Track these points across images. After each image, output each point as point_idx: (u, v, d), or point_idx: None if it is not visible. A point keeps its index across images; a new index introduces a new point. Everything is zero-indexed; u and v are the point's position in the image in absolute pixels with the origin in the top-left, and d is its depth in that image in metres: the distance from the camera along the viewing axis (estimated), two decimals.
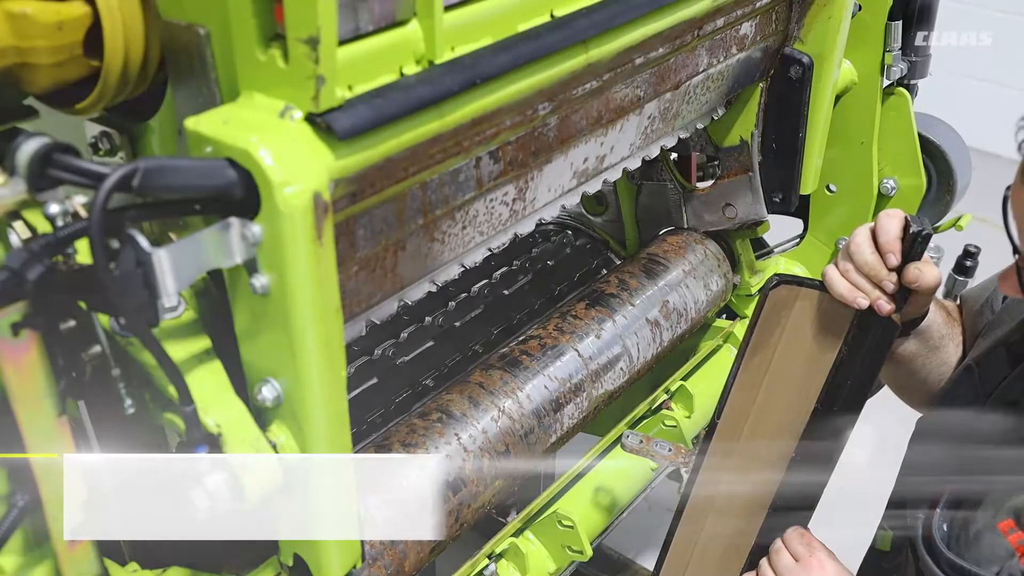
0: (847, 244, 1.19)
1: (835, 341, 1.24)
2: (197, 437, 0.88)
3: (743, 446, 1.32)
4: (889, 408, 1.54)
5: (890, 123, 1.78)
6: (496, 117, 1.06)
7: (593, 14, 1.10)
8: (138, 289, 0.77)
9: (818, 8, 1.57)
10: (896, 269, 1.16)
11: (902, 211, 1.18)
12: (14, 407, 0.80)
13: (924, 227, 1.14)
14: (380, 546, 1.25)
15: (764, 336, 1.29)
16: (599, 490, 1.57)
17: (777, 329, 1.28)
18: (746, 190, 1.77)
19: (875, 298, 1.16)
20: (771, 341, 1.29)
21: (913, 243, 1.15)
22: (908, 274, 1.15)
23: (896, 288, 1.17)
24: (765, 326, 1.29)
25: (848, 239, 1.20)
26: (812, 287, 1.25)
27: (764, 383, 1.30)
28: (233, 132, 0.82)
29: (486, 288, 1.87)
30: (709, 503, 1.36)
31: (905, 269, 1.16)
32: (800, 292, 1.26)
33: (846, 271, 1.18)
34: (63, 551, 0.90)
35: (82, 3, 0.85)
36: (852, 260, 1.18)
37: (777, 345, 1.28)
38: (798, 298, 1.26)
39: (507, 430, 1.44)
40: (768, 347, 1.29)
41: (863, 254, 1.17)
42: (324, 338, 0.89)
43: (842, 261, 1.19)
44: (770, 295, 1.28)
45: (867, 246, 1.17)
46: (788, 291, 1.27)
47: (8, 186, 0.77)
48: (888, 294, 1.17)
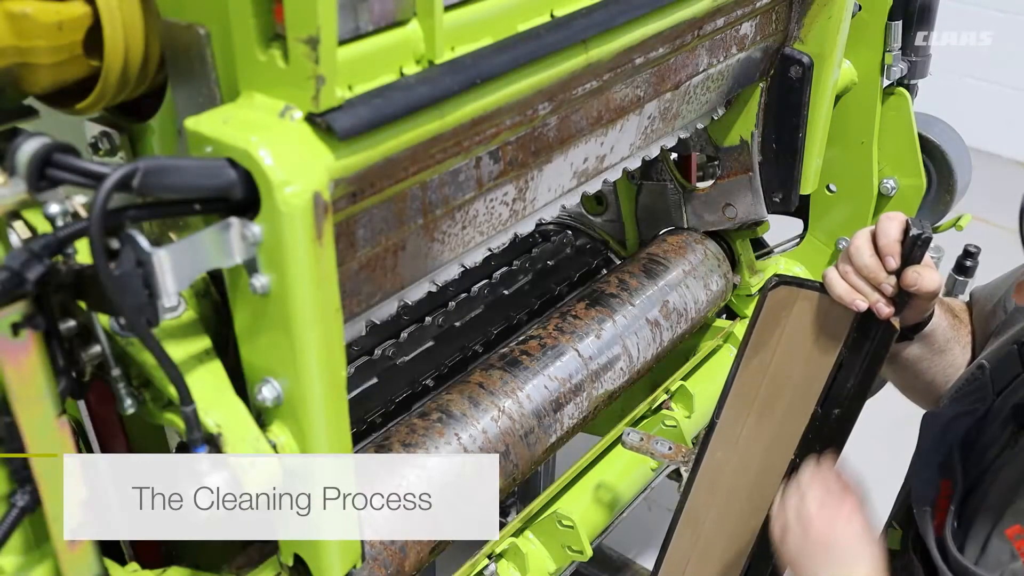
0: (847, 246, 1.19)
1: (835, 343, 1.24)
2: (197, 437, 0.88)
3: (743, 446, 1.32)
4: (896, 403, 1.54)
5: (890, 123, 1.78)
6: (496, 117, 1.06)
7: (593, 14, 1.10)
8: (138, 289, 0.77)
9: (818, 8, 1.57)
10: (896, 272, 1.16)
11: (903, 214, 1.18)
12: (14, 407, 0.80)
13: (924, 230, 1.14)
14: (380, 546, 1.25)
15: (764, 336, 1.29)
16: (599, 490, 1.57)
17: (777, 330, 1.28)
18: (746, 190, 1.77)
19: (874, 301, 1.16)
20: (771, 342, 1.28)
21: (913, 246, 1.15)
22: (907, 277, 1.15)
23: (895, 291, 1.17)
24: (765, 326, 1.29)
25: (849, 241, 1.20)
26: (812, 288, 1.25)
27: (763, 384, 1.30)
28: (233, 132, 0.82)
29: (486, 288, 1.87)
30: (709, 503, 1.36)
31: (904, 272, 1.15)
32: (800, 293, 1.26)
33: (846, 273, 1.18)
34: (63, 551, 0.90)
35: (82, 3, 0.85)
36: (852, 262, 1.18)
37: (777, 346, 1.28)
38: (798, 299, 1.26)
39: (507, 430, 1.44)
40: (768, 348, 1.29)
41: (862, 256, 1.16)
42: (324, 338, 0.89)
43: (842, 263, 1.19)
44: (770, 295, 1.28)
45: (867, 248, 1.17)
46: (788, 292, 1.27)
47: (8, 186, 0.77)
48: (887, 297, 1.16)
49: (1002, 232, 1.05)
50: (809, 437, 1.26)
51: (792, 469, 1.26)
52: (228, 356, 0.95)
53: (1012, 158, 4.64)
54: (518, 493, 2.42)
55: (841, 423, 1.25)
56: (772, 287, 1.28)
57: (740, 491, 1.33)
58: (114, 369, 0.89)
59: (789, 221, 1.91)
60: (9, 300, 0.75)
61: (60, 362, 0.83)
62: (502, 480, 1.43)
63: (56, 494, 0.87)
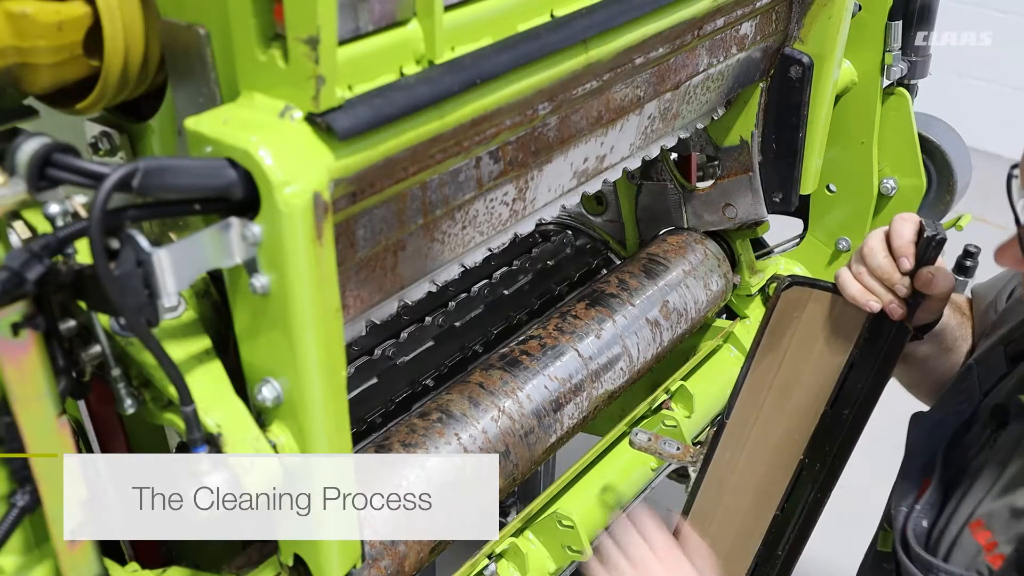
0: (861, 247, 1.19)
1: (846, 344, 1.23)
2: (197, 437, 0.88)
3: (751, 446, 1.32)
4: (898, 403, 1.54)
5: (890, 123, 1.78)
6: (496, 117, 1.06)
7: (593, 14, 1.10)
8: (138, 289, 0.77)
9: (818, 8, 1.57)
10: (909, 273, 1.16)
11: (916, 216, 1.17)
12: (14, 407, 0.80)
13: (939, 232, 1.14)
14: (380, 546, 1.25)
15: (775, 337, 1.29)
16: (599, 490, 1.57)
17: (788, 330, 1.28)
18: (746, 190, 1.77)
19: (887, 302, 1.16)
20: (782, 342, 1.28)
21: (927, 247, 1.14)
22: (921, 278, 1.15)
23: (909, 292, 1.16)
24: (777, 327, 1.29)
25: (862, 242, 1.19)
26: (825, 289, 1.25)
27: (774, 384, 1.30)
28: (233, 132, 0.82)
29: (486, 288, 1.87)
30: (716, 503, 1.36)
31: (918, 273, 1.15)
32: (812, 294, 1.26)
33: (859, 274, 1.18)
34: (63, 551, 0.90)
35: (82, 3, 0.85)
36: (865, 263, 1.17)
37: (788, 346, 1.28)
38: (810, 300, 1.26)
39: (507, 430, 1.44)
40: (779, 348, 1.28)
41: (876, 257, 1.16)
42: (324, 338, 0.89)
43: (855, 264, 1.19)
44: (782, 296, 1.28)
45: (881, 249, 1.17)
46: (800, 292, 1.27)
47: (8, 186, 0.77)
48: (900, 298, 1.16)
49: (1002, 232, 1.05)
50: (819, 437, 1.26)
51: (801, 469, 1.26)
52: (228, 356, 0.94)
53: (1012, 158, 4.62)
54: (518, 493, 2.42)
55: (851, 424, 1.25)
56: (785, 287, 1.28)
57: (748, 492, 1.32)
58: (114, 369, 0.89)
59: (789, 221, 1.91)
60: (9, 300, 0.75)
61: (60, 362, 0.83)
62: (502, 480, 1.43)
63: (56, 494, 0.87)
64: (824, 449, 1.25)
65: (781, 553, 1.27)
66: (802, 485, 1.27)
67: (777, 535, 1.28)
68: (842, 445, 1.25)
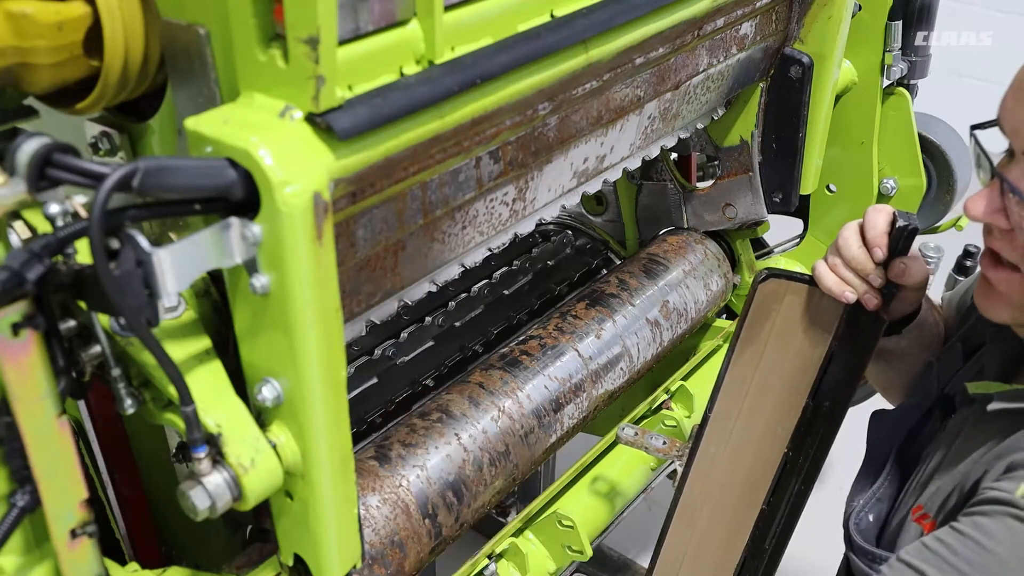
0: (836, 239, 1.20)
1: (825, 336, 1.24)
2: (197, 437, 0.88)
3: (736, 440, 1.32)
4: None
5: (890, 123, 1.78)
6: (496, 117, 1.06)
7: (593, 14, 1.10)
8: (138, 289, 0.77)
9: (818, 8, 1.57)
10: (883, 264, 1.17)
11: (890, 206, 1.19)
12: (14, 407, 0.80)
13: (911, 222, 1.15)
14: (380, 546, 1.25)
15: (754, 330, 1.29)
16: (599, 490, 1.57)
17: (767, 323, 1.28)
18: (746, 190, 1.77)
19: (862, 292, 1.17)
20: (761, 335, 1.29)
21: (900, 238, 1.16)
22: (894, 268, 1.16)
23: (883, 283, 1.17)
24: (755, 320, 1.29)
25: (838, 234, 1.21)
26: (801, 281, 1.26)
27: (755, 377, 1.30)
28: (233, 132, 0.82)
29: (486, 288, 1.87)
30: (703, 498, 1.36)
31: (892, 264, 1.16)
32: (789, 286, 1.26)
33: (834, 265, 1.19)
34: (63, 551, 0.90)
35: (82, 3, 0.85)
36: (840, 254, 1.19)
37: (767, 339, 1.28)
38: (788, 292, 1.26)
39: (507, 430, 1.44)
40: (759, 341, 1.29)
41: (850, 248, 1.18)
42: (324, 338, 0.89)
43: (831, 256, 1.20)
44: (759, 288, 1.28)
45: (854, 241, 1.18)
46: (777, 285, 1.27)
47: (8, 186, 0.77)
48: (875, 288, 1.17)
49: None
50: (801, 430, 1.26)
51: (785, 463, 1.27)
52: (228, 356, 0.94)
53: None
54: (518, 493, 2.43)
55: (832, 415, 1.25)
56: (762, 280, 1.28)
57: (734, 486, 1.32)
58: (114, 369, 0.89)
59: (789, 221, 1.91)
60: (9, 300, 0.75)
61: (60, 362, 0.83)
62: (502, 480, 1.43)
63: (56, 494, 0.87)
64: (806, 441, 1.26)
65: (768, 547, 1.27)
66: (786, 478, 1.28)
67: (764, 529, 1.28)
68: (823, 437, 1.25)
